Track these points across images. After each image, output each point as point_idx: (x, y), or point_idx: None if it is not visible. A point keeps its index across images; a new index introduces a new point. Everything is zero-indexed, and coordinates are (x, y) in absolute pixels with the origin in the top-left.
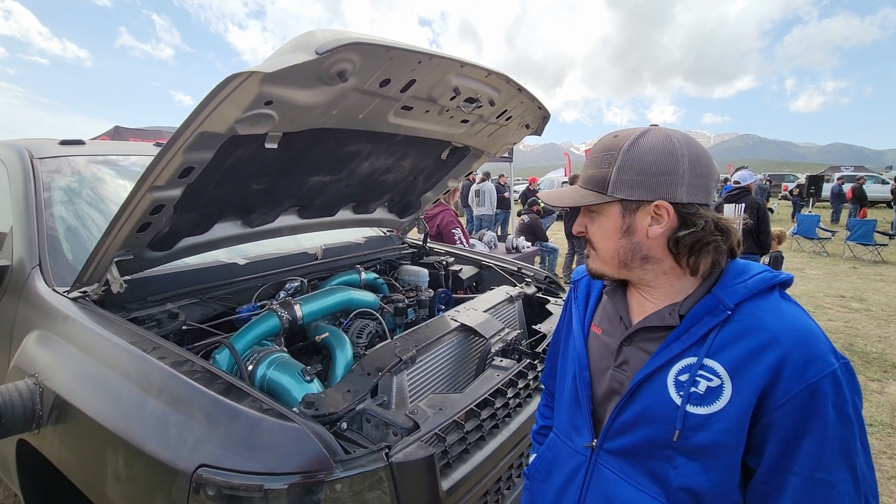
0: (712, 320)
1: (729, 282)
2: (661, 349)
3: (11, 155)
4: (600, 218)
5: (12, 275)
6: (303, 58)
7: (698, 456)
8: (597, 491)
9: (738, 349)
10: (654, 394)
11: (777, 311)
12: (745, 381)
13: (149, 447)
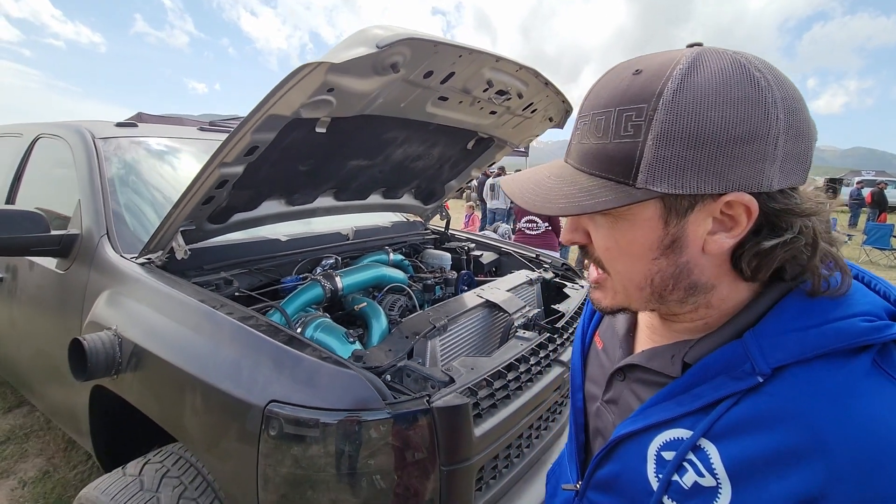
0: (730, 385)
1: (779, 323)
2: (650, 405)
3: (75, 135)
4: (622, 226)
5: (82, 243)
6: (365, 51)
7: None
8: None
9: (755, 443)
10: (630, 459)
11: (843, 396)
12: (752, 495)
13: (224, 386)
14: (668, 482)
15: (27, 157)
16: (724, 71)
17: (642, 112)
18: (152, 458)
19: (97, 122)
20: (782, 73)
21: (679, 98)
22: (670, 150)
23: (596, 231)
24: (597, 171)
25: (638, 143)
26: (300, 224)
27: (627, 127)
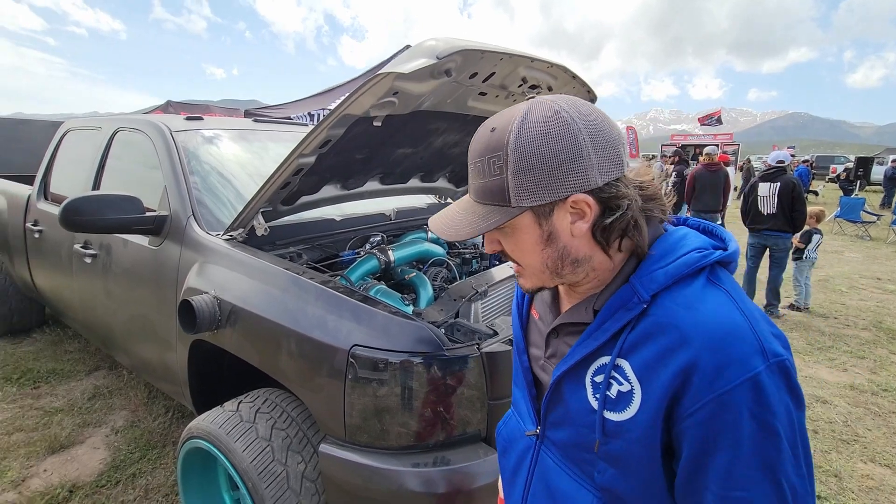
0: (626, 315)
1: (650, 266)
2: (577, 346)
3: (155, 130)
4: (514, 233)
5: (172, 223)
6: (426, 61)
7: (617, 464)
8: (540, 478)
9: (648, 350)
10: (573, 393)
11: (694, 302)
12: (652, 386)
13: (314, 335)
14: (596, 390)
15: (108, 149)
16: (544, 118)
17: (500, 157)
18: (244, 399)
19: (170, 117)
20: (586, 108)
21: (518, 144)
22: (524, 178)
23: (503, 240)
24: (487, 202)
25: (504, 178)
26: (350, 205)
27: (494, 168)
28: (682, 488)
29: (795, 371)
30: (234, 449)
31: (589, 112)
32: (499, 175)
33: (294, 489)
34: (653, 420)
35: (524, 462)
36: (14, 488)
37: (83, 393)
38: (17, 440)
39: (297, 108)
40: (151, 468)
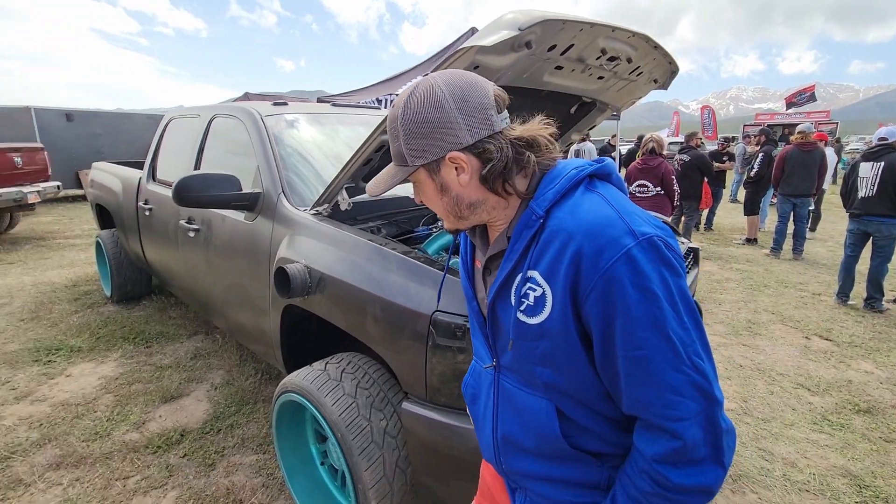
0: (529, 232)
1: (542, 190)
2: (500, 271)
3: (247, 115)
4: (419, 186)
5: (264, 199)
6: (508, 34)
7: (549, 363)
8: (505, 402)
9: (549, 255)
10: (503, 312)
11: (574, 207)
12: (557, 284)
13: (398, 301)
14: (519, 303)
15: (206, 134)
16: (421, 95)
17: (396, 127)
18: (331, 360)
19: (259, 103)
20: (456, 76)
21: (404, 115)
22: (412, 143)
23: (416, 192)
24: (396, 163)
25: (400, 143)
26: None
27: (395, 136)
28: (601, 364)
29: (669, 245)
30: (324, 403)
31: (460, 84)
32: (397, 142)
33: (377, 442)
34: (563, 312)
35: (490, 396)
36: (136, 429)
37: (186, 353)
38: (136, 390)
39: (365, 94)
40: (246, 421)
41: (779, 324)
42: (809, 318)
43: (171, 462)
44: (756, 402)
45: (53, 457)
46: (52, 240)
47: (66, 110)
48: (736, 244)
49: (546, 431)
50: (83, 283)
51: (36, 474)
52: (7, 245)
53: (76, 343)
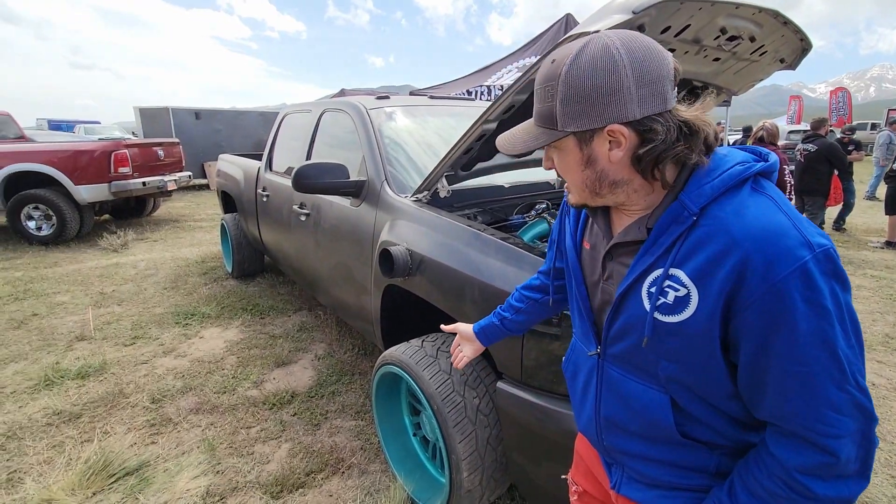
0: (678, 228)
1: (698, 183)
2: (634, 263)
3: (354, 109)
4: (560, 153)
5: (369, 187)
6: (621, 17)
7: (676, 359)
8: (609, 389)
9: (701, 257)
10: (632, 306)
11: (740, 210)
12: (708, 288)
13: (496, 283)
14: (656, 304)
15: (317, 127)
16: (594, 54)
17: (553, 87)
18: (427, 338)
19: (364, 98)
20: (639, 40)
21: (567, 76)
22: (569, 107)
23: (555, 159)
24: (540, 124)
25: (553, 105)
26: (517, 173)
27: (548, 96)
28: (745, 373)
29: (839, 258)
30: (422, 376)
31: (641, 49)
32: (550, 102)
33: (470, 418)
34: (710, 317)
35: (591, 380)
36: (256, 387)
37: (293, 326)
38: (254, 354)
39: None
40: (345, 390)
41: None
42: None
43: (284, 419)
44: (891, 425)
45: (193, 403)
46: (185, 222)
47: (195, 109)
48: (872, 247)
49: (657, 420)
50: (209, 260)
51: (181, 415)
52: (152, 225)
53: (206, 310)
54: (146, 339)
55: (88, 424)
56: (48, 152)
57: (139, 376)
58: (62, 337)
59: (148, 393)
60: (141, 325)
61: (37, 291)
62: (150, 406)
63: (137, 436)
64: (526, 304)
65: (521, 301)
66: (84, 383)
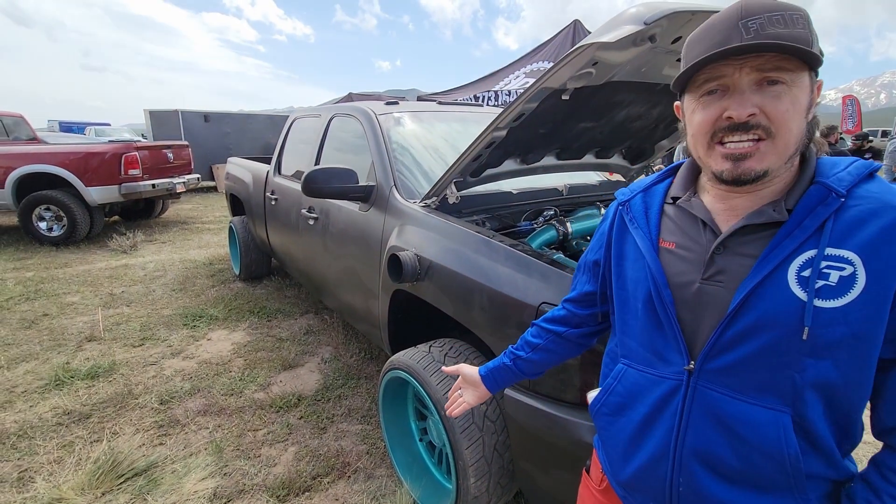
0: (826, 210)
1: (829, 172)
2: (772, 248)
3: (363, 114)
4: (793, 91)
5: (378, 192)
6: (632, 28)
7: (830, 353)
8: (702, 414)
9: (867, 231)
10: (771, 298)
11: (890, 189)
12: (882, 263)
13: (505, 290)
14: (817, 289)
15: (326, 132)
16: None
17: (800, 15)
18: (434, 344)
19: (373, 103)
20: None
21: (804, 11)
22: (815, 39)
23: (777, 99)
24: (794, 42)
25: (808, 32)
26: (526, 180)
27: (798, 23)
28: None
29: None
30: (429, 381)
31: None
32: (803, 29)
33: (478, 424)
34: (885, 295)
35: (667, 408)
36: (262, 390)
37: (300, 329)
38: (260, 357)
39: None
40: (351, 393)
41: None
42: None
43: (291, 422)
44: None
45: (201, 405)
46: (192, 224)
47: (204, 112)
48: None
49: (776, 450)
50: (217, 262)
51: (189, 417)
52: (160, 227)
53: (214, 312)
54: (154, 341)
55: (98, 425)
56: (60, 154)
57: (148, 377)
58: (72, 337)
59: (156, 394)
60: (149, 327)
61: (48, 292)
62: (158, 407)
63: (146, 436)
64: (546, 339)
65: (540, 336)
66: (93, 384)
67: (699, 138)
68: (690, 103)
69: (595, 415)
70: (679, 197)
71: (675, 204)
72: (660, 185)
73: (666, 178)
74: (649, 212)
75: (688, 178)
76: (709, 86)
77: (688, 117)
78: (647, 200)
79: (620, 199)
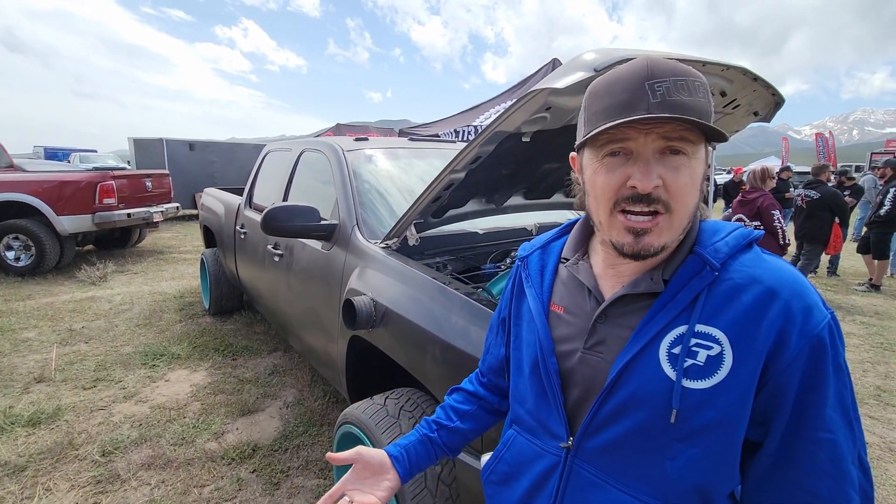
0: (700, 283)
1: (707, 241)
2: (647, 321)
3: (330, 150)
4: (692, 164)
5: (340, 231)
6: (583, 75)
7: (699, 440)
8: (575, 499)
9: (735, 309)
10: (643, 374)
11: (762, 262)
12: (748, 342)
13: (458, 344)
14: (684, 368)
15: (296, 166)
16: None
17: (703, 84)
18: (391, 395)
19: (342, 139)
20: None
21: (704, 79)
22: (712, 107)
23: (677, 172)
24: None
25: (708, 102)
26: (494, 219)
27: (699, 91)
28: (771, 454)
29: None
30: (381, 440)
31: None
32: (703, 98)
33: (430, 489)
34: (752, 374)
35: (546, 485)
36: (216, 439)
37: (265, 369)
38: (219, 400)
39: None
40: (311, 442)
41: None
42: None
43: (242, 476)
44: (887, 490)
45: (146, 457)
46: (169, 254)
47: (190, 141)
48: (859, 292)
49: None
50: (188, 295)
51: (131, 471)
52: (135, 257)
53: (177, 350)
54: (108, 382)
55: (32, 479)
56: (33, 182)
57: (93, 424)
58: (21, 378)
59: (99, 444)
60: (105, 367)
61: (3, 327)
62: (99, 460)
63: (80, 494)
64: (476, 406)
65: (469, 402)
66: (34, 431)
67: (602, 203)
68: (591, 162)
69: (485, 482)
70: (569, 259)
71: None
72: (557, 241)
73: (563, 234)
74: (545, 271)
75: (579, 238)
76: (611, 147)
77: (588, 176)
78: (543, 258)
79: (520, 255)
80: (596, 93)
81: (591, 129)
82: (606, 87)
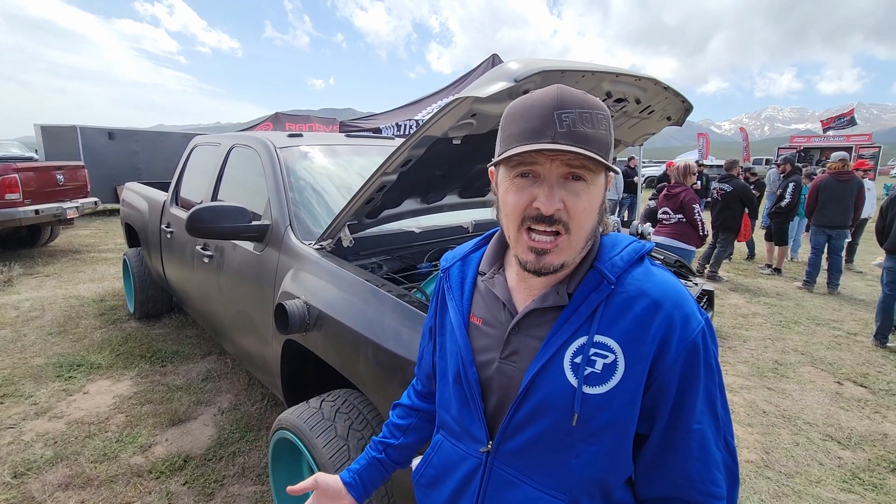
0: (598, 296)
1: (606, 255)
2: (553, 333)
3: (262, 146)
4: (591, 190)
5: (272, 231)
6: (505, 84)
7: (598, 439)
8: (496, 496)
9: (627, 320)
10: (551, 382)
11: (649, 275)
12: (637, 350)
13: (390, 346)
14: (584, 376)
15: (225, 162)
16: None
17: (605, 117)
18: (327, 398)
19: (275, 134)
20: None
21: (607, 111)
22: (612, 140)
23: (576, 197)
24: (593, 150)
25: (609, 134)
26: (430, 218)
27: (601, 123)
28: (655, 445)
29: None
30: (315, 444)
31: None
32: (605, 130)
33: None
34: (637, 381)
35: (470, 485)
36: (142, 453)
37: (198, 374)
38: (146, 411)
39: (387, 118)
40: (248, 449)
41: (808, 366)
42: (843, 360)
43: (172, 489)
44: (779, 454)
45: (63, 476)
46: (87, 253)
47: (109, 129)
48: (764, 275)
49: None
50: (110, 298)
51: (46, 493)
52: (46, 257)
53: (97, 359)
54: (16, 398)
55: None
56: None
57: (2, 445)
58: None
59: (10, 465)
60: (12, 381)
61: None
62: (10, 482)
63: None
64: (416, 418)
65: (408, 416)
66: None
67: (511, 220)
68: (504, 180)
69: (415, 485)
70: (486, 272)
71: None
72: (476, 253)
73: (482, 245)
74: (464, 283)
75: (495, 251)
76: (522, 168)
77: (501, 193)
78: (463, 270)
79: (442, 267)
80: (512, 115)
81: (504, 151)
82: (521, 111)
